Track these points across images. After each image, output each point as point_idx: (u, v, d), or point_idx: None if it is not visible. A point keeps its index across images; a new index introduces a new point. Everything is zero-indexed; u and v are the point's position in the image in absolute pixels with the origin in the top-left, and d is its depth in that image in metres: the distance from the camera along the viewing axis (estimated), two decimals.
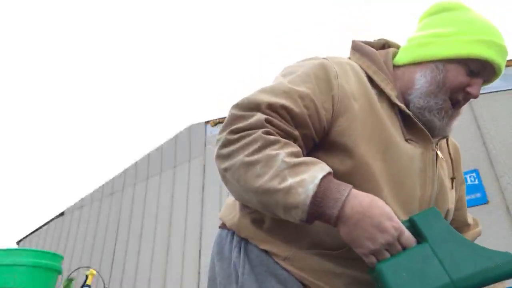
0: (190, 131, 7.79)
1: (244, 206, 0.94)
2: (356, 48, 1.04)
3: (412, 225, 0.75)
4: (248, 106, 0.85)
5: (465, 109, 1.01)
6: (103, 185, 9.51)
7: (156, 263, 7.06)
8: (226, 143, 0.83)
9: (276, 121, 0.83)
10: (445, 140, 1.06)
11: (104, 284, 5.11)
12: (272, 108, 0.84)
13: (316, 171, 0.75)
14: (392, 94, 0.93)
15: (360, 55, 1.02)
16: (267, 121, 0.82)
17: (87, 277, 4.15)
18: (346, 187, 0.75)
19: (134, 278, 7.36)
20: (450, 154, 1.04)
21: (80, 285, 4.12)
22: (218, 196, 6.46)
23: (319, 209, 0.73)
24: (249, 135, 0.80)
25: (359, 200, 0.74)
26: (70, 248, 9.33)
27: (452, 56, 0.92)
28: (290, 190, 0.73)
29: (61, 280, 4.56)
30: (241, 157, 0.79)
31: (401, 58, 1.01)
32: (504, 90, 4.66)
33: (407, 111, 0.93)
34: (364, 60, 1.00)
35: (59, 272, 3.32)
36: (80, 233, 9.38)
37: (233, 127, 0.83)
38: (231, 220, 0.97)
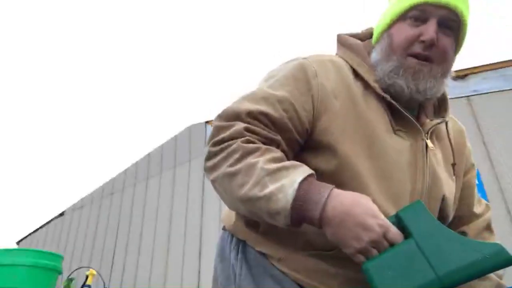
0: (190, 131, 7.78)
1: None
2: (341, 41, 1.04)
3: (398, 220, 0.74)
4: (229, 116, 0.86)
5: (465, 109, 0.99)
6: (103, 185, 9.51)
7: (156, 263, 7.06)
8: (210, 155, 0.85)
9: (256, 128, 0.84)
10: (444, 125, 1.02)
11: (104, 284, 5.11)
12: (251, 115, 0.85)
13: (295, 175, 0.74)
14: (376, 86, 0.92)
15: (345, 49, 1.02)
16: (246, 129, 0.83)
17: (87, 277, 4.15)
18: (326, 188, 0.75)
19: (134, 278, 7.36)
20: (450, 139, 1.01)
21: (80, 285, 4.13)
22: (218, 196, 6.45)
23: (301, 212, 0.73)
24: (229, 145, 0.82)
25: (340, 199, 0.73)
26: (70, 248, 9.33)
27: (389, 22, 0.95)
28: (271, 197, 0.73)
29: (61, 280, 4.56)
30: (223, 168, 0.81)
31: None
32: (504, 90, 4.66)
33: (392, 100, 0.91)
34: (349, 53, 1.00)
35: (59, 272, 3.32)
36: (80, 233, 9.38)
37: (215, 139, 0.85)
38: (229, 223, 0.98)
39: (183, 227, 6.86)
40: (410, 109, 0.94)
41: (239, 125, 0.84)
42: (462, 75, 4.74)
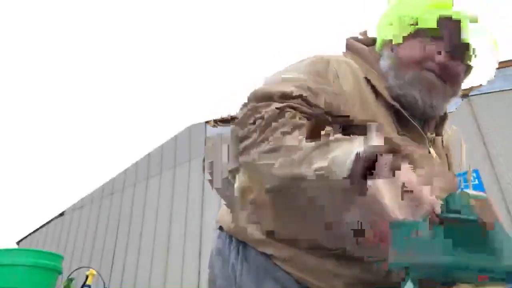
0: (190, 131, 7.78)
1: (240, 208, 0.94)
2: (349, 46, 1.04)
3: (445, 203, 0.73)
4: (262, 97, 0.83)
5: (465, 109, 1.00)
6: (103, 185, 9.51)
7: (156, 263, 7.06)
8: (242, 138, 0.79)
9: (294, 105, 0.81)
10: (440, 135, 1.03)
11: (104, 284, 5.11)
12: (285, 97, 0.82)
13: (350, 146, 0.70)
14: (386, 93, 0.93)
15: (353, 54, 1.02)
16: (282, 108, 0.80)
17: (87, 277, 4.15)
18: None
19: (134, 278, 7.36)
20: (445, 150, 1.02)
21: (80, 285, 4.13)
22: (218, 196, 6.44)
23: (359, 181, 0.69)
24: (267, 124, 0.78)
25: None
26: (70, 248, 9.33)
27: (399, 33, 0.93)
28: (332, 166, 0.68)
29: (61, 280, 4.56)
30: (262, 147, 0.76)
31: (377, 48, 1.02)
32: (504, 90, 4.66)
33: (400, 108, 0.92)
34: (356, 58, 1.00)
35: (59, 272, 3.33)
36: (80, 233, 9.38)
37: (249, 120, 0.80)
38: (227, 223, 0.97)
39: (183, 227, 6.86)
40: (416, 119, 0.95)
41: (274, 105, 0.80)
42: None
